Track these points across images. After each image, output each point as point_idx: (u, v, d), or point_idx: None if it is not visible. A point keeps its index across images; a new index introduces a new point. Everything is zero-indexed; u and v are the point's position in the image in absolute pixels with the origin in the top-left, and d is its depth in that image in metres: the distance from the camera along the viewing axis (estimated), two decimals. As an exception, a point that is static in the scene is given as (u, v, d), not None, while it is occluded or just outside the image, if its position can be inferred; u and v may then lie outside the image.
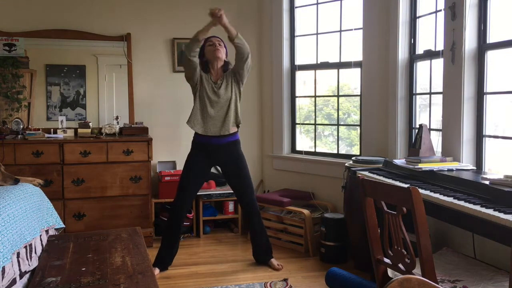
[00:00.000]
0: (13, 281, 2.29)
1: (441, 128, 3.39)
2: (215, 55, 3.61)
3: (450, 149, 3.22)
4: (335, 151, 4.59)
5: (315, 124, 4.74)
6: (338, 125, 4.57)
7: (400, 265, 2.26)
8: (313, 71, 4.68)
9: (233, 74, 3.68)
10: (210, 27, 3.48)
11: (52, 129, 4.42)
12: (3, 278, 2.18)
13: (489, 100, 3.09)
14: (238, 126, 3.71)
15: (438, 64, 3.41)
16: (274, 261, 3.74)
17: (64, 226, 3.33)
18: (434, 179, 2.79)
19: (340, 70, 4.49)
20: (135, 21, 4.73)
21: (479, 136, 3.12)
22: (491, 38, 3.03)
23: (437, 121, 3.57)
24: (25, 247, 2.51)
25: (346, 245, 3.85)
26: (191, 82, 3.63)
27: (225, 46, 3.69)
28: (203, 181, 3.81)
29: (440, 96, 3.36)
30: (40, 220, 2.89)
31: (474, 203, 2.22)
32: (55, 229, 3.17)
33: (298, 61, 4.81)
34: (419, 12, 3.74)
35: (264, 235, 3.79)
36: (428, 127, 3.41)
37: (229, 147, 3.66)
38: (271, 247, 3.84)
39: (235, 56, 3.61)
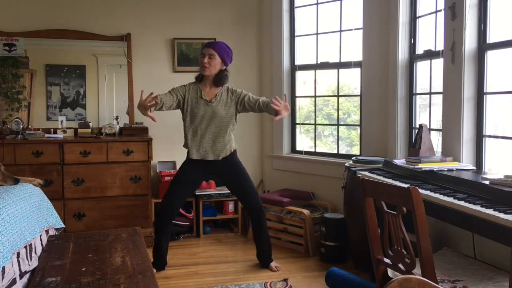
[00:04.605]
0: (13, 281, 2.29)
1: (441, 128, 3.39)
2: (202, 71, 3.49)
3: (450, 149, 3.22)
4: (335, 151, 4.59)
5: (315, 124, 4.74)
6: (338, 125, 4.57)
7: (400, 265, 2.26)
8: (313, 71, 4.68)
9: (235, 97, 3.52)
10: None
11: (52, 129, 4.42)
12: (3, 278, 2.18)
13: (489, 100, 3.08)
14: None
15: (438, 64, 3.41)
16: (272, 264, 3.72)
17: (64, 226, 3.33)
18: (434, 179, 2.79)
19: (340, 70, 4.48)
20: (135, 21, 4.73)
21: (479, 136, 3.12)
22: (491, 38, 3.03)
23: (437, 121, 3.57)
24: (25, 247, 2.51)
25: (346, 245, 3.85)
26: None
27: (221, 56, 3.45)
28: (193, 190, 3.72)
29: (440, 96, 3.36)
30: (40, 220, 2.89)
31: (474, 203, 2.22)
32: (55, 229, 3.16)
33: (298, 61, 4.81)
34: (419, 12, 3.74)
35: (268, 238, 3.76)
36: (428, 127, 3.40)
37: (225, 159, 3.57)
38: (272, 249, 3.82)
39: (256, 105, 3.48)
